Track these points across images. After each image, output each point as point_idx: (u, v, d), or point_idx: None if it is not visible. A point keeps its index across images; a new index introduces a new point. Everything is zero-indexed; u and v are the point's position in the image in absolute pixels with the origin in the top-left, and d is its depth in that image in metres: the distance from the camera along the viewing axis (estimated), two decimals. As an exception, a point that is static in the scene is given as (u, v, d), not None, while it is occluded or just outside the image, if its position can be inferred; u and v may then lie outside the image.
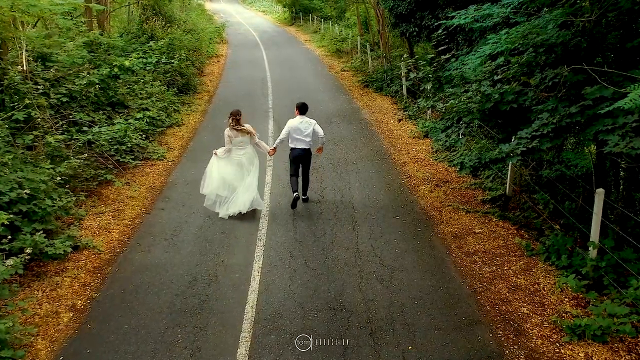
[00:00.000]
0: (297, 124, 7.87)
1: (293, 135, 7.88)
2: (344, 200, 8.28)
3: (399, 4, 12.20)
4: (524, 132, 5.65)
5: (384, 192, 8.55)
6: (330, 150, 10.80)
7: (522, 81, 6.77)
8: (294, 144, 7.94)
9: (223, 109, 14.56)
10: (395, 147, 10.91)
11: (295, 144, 7.92)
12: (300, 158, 7.94)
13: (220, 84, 18.52)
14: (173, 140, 11.71)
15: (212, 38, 24.47)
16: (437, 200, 8.14)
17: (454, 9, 11.69)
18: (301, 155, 7.92)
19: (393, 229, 7.25)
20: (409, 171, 9.49)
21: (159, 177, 9.55)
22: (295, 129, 7.85)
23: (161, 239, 7.17)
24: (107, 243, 7.06)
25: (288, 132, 7.88)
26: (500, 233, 7.05)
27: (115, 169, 9.27)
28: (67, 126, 9.17)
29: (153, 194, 8.80)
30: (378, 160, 10.16)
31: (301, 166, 8.04)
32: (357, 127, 12.49)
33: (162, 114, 12.38)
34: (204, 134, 12.30)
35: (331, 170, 9.65)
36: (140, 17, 18.28)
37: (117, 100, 11.15)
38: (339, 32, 27.08)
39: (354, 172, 9.47)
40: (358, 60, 20.29)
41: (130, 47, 13.81)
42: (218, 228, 7.43)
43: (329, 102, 15.11)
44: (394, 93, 15.37)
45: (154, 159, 10.34)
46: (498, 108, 6.06)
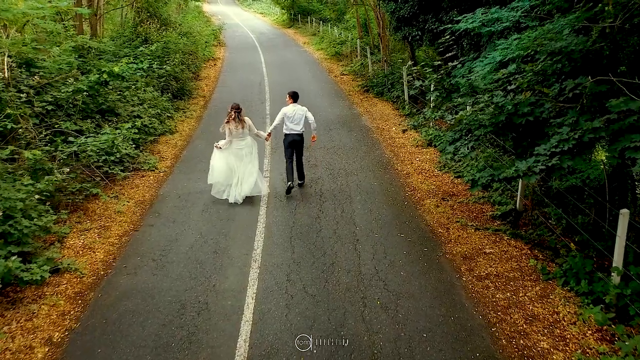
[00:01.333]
0: (291, 111, 8.50)
1: (287, 122, 8.51)
2: (344, 215, 7.80)
3: (401, 7, 11.74)
4: (541, 147, 5.17)
5: (387, 207, 8.06)
6: (330, 159, 10.33)
7: (537, 91, 6.30)
8: (288, 130, 8.55)
9: (219, 115, 14.09)
10: (398, 157, 10.43)
11: (289, 130, 8.53)
12: (294, 143, 8.55)
13: (216, 89, 18.05)
14: (166, 149, 11.21)
15: (207, 42, 23.93)
16: (444, 216, 7.66)
17: (459, 13, 11.24)
18: (295, 140, 8.54)
19: (398, 248, 6.76)
20: (413, 183, 9.01)
21: (149, 189, 9.06)
22: (289, 116, 8.49)
23: (149, 260, 6.67)
24: (91, 265, 6.56)
25: (282, 119, 8.53)
26: (513, 253, 6.56)
27: (103, 182, 8.79)
28: (52, 136, 8.67)
29: (142, 208, 8.30)
30: (380, 170, 9.68)
31: (295, 152, 8.61)
32: (357, 135, 12.01)
33: (155, 121, 11.90)
34: (198, 142, 11.81)
35: (331, 181, 9.17)
36: (134, 19, 17.78)
37: (107, 107, 10.66)
38: (338, 35, 26.62)
39: (355, 184, 8.99)
40: (358, 64, 19.83)
41: (122, 51, 13.31)
42: (210, 247, 6.94)
43: (328, 108, 14.64)
44: (395, 98, 14.90)
45: (145, 170, 9.85)
46: (512, 121, 5.58)
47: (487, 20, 8.29)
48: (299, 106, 8.60)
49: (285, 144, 8.58)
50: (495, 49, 8.42)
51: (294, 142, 8.52)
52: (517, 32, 8.15)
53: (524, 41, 6.99)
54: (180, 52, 17.59)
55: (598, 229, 7.06)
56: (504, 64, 7.39)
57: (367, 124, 12.99)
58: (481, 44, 8.48)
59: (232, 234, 7.29)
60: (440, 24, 11.10)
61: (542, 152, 5.07)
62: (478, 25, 8.14)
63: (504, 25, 7.84)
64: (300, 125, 8.52)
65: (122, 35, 15.82)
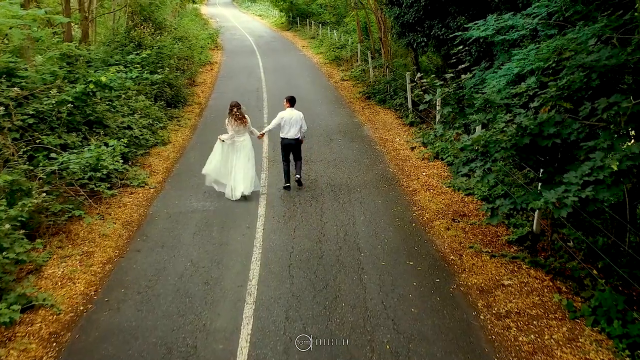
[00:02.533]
0: (288, 115, 8.76)
1: (284, 125, 8.77)
2: (347, 238, 7.21)
3: (405, 12, 11.16)
4: (571, 175, 4.59)
5: (394, 229, 7.47)
6: (331, 174, 9.74)
7: (560, 108, 5.72)
8: (284, 134, 8.83)
9: (214, 123, 13.53)
10: (403, 171, 9.84)
11: (285, 134, 8.82)
12: (290, 146, 8.89)
13: (212, 95, 17.46)
14: (157, 162, 10.61)
15: (203, 47, 23.30)
16: (456, 240, 7.07)
17: (468, 18, 10.67)
18: (292, 144, 8.87)
19: (407, 279, 6.17)
20: (420, 201, 8.42)
21: (138, 208, 8.45)
22: (286, 120, 8.75)
23: (134, 292, 6.07)
24: (69, 299, 5.96)
25: (278, 123, 8.79)
26: (534, 285, 5.97)
27: (88, 200, 8.18)
28: (33, 153, 8.07)
29: (129, 230, 7.70)
30: (385, 187, 9.09)
31: (292, 153, 8.97)
32: (359, 146, 11.42)
33: (147, 132, 11.30)
34: (191, 154, 11.21)
35: (332, 198, 8.58)
36: (128, 24, 17.18)
37: (95, 118, 10.05)
38: (338, 39, 26.05)
39: (358, 202, 8.40)
40: (358, 69, 19.25)
41: (112, 58, 12.70)
42: (201, 277, 6.34)
43: (328, 117, 14.05)
44: (398, 106, 14.32)
45: (134, 186, 9.25)
46: (537, 143, 5.00)
47: (501, 27, 7.73)
48: (296, 111, 8.84)
49: (281, 146, 8.96)
50: (511, 60, 7.84)
51: (290, 145, 8.86)
52: (534, 41, 7.59)
53: (543, 51, 6.43)
54: (175, 57, 16.99)
55: (619, 252, 6.50)
56: (521, 77, 6.83)
57: (369, 134, 12.40)
58: (494, 53, 7.91)
59: (225, 262, 6.69)
60: (447, 30, 10.53)
61: (573, 181, 4.48)
62: (491, 33, 7.57)
63: (519, 33, 7.28)
64: (296, 130, 8.79)
65: (113, 41, 15.20)
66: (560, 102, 5.81)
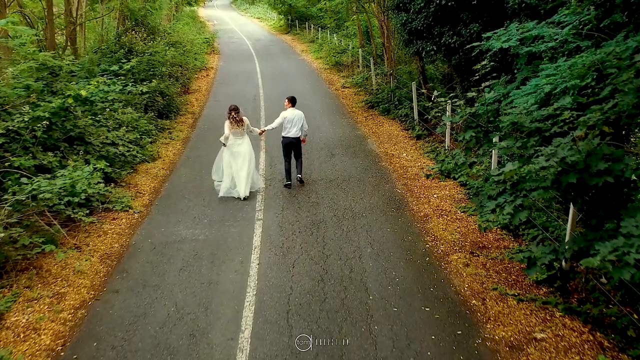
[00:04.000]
0: (290, 115, 8.98)
1: (286, 125, 8.99)
2: (353, 276, 6.38)
3: (413, 18, 10.34)
4: (629, 222, 3.77)
5: (405, 264, 6.64)
6: (334, 195, 8.91)
7: (603, 133, 4.90)
8: (286, 133, 9.04)
9: (208, 135, 12.72)
10: (412, 192, 9.01)
11: (287, 133, 9.03)
12: (292, 145, 9.09)
13: (207, 104, 16.64)
14: (144, 182, 9.77)
15: (197, 54, 22.43)
16: (477, 280, 6.24)
17: (481, 25, 9.85)
18: (293, 142, 9.07)
19: (424, 330, 5.34)
20: (433, 230, 7.59)
21: (120, 237, 7.62)
22: (289, 120, 8.97)
23: (107, 347, 5.23)
24: (32, 356, 5.12)
25: (281, 122, 9.03)
26: (571, 340, 5.14)
27: (63, 230, 7.35)
28: (2, 177, 7.24)
29: (108, 265, 6.86)
30: (392, 211, 8.26)
31: (293, 152, 9.18)
32: (364, 163, 10.59)
33: (134, 148, 10.46)
34: (182, 171, 10.38)
35: (335, 226, 7.75)
36: (118, 29, 16.35)
37: (76, 134, 9.22)
38: (338, 43, 25.26)
39: (364, 231, 7.57)
40: (360, 76, 18.44)
41: (99, 67, 11.85)
42: (186, 327, 5.50)
43: (329, 128, 13.23)
44: (403, 117, 13.51)
45: (117, 210, 8.41)
46: (584, 181, 4.17)
47: (524, 37, 6.91)
48: (297, 111, 9.08)
49: (283, 145, 9.12)
50: (537, 74, 7.01)
51: (292, 144, 9.06)
52: (564, 53, 6.77)
53: (577, 67, 5.62)
54: (167, 64, 16.16)
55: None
56: (553, 95, 6.01)
57: (373, 148, 11.58)
58: (518, 66, 7.09)
59: (214, 307, 5.85)
60: (459, 38, 9.72)
61: (635, 232, 3.65)
62: (514, 44, 6.76)
63: (548, 45, 6.46)
64: (297, 129, 8.99)
65: (99, 49, 14.36)
66: (599, 126, 5.00)
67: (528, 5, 8.20)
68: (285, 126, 9.02)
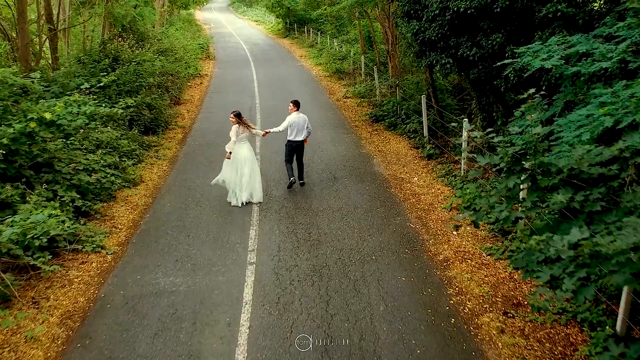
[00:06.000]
0: (296, 118, 9.14)
1: (292, 128, 9.12)
2: (364, 346, 5.23)
3: (426, 27, 9.21)
4: None
5: (426, 329, 5.50)
6: (338, 231, 7.77)
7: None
8: (292, 136, 9.19)
9: (197, 155, 11.61)
10: (428, 228, 7.88)
11: (293, 137, 9.19)
12: (297, 148, 9.31)
13: (199, 116, 15.50)
14: (122, 213, 8.62)
15: (188, 63, 21.24)
16: (516, 354, 5.09)
17: (505, 36, 8.73)
18: (299, 145, 9.30)
19: None
20: (457, 279, 6.45)
21: (87, 288, 6.46)
22: (296, 123, 9.12)
23: None
24: None
25: (286, 127, 9.13)
26: None
27: (21, 280, 6.21)
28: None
29: (69, 328, 5.69)
30: (407, 253, 7.13)
31: (296, 154, 9.39)
32: (370, 189, 9.45)
33: (112, 172, 9.31)
34: (167, 199, 9.22)
35: (341, 273, 6.61)
36: (103, 35, 15.21)
37: (44, 160, 8.08)
38: (338, 48, 24.16)
39: (375, 280, 6.43)
40: (363, 86, 17.32)
41: (77, 79, 10.69)
42: None
43: (331, 145, 12.10)
44: (411, 133, 12.39)
45: (88, 251, 7.26)
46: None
47: (569, 54, 5.78)
48: (302, 114, 9.25)
49: (289, 148, 9.26)
50: (579, 97, 5.89)
51: (297, 147, 9.29)
52: (621, 75, 5.65)
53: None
54: (156, 74, 15.01)
55: None
56: (613, 130, 4.87)
57: (380, 170, 10.44)
58: (559, 87, 5.95)
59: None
60: (479, 50, 8.59)
61: None
62: (558, 63, 5.63)
63: (601, 65, 5.33)
64: (303, 133, 9.21)
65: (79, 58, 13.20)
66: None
67: (564, 14, 7.08)
68: (291, 129, 9.11)
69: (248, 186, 8.70)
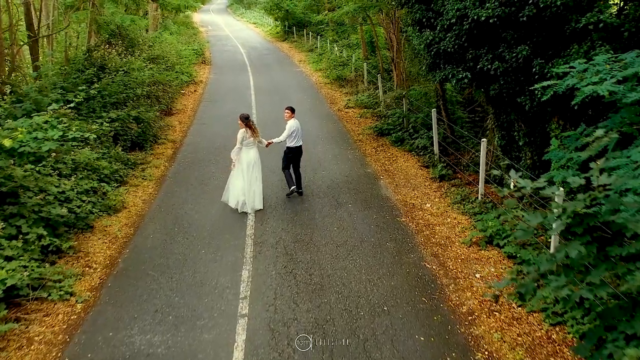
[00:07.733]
0: (295, 125, 8.97)
1: (294, 135, 8.93)
2: None
3: (440, 38, 8.23)
4: None
5: (454, 412, 4.52)
6: (342, 271, 6.79)
7: None
8: (293, 143, 9.00)
9: (188, 174, 10.64)
10: (446, 269, 6.90)
11: (295, 144, 9.01)
12: (298, 154, 9.15)
13: (191, 128, 14.50)
14: (98, 247, 7.62)
15: (181, 69, 20.25)
16: None
17: (531, 48, 7.78)
18: (299, 151, 9.16)
19: None
20: (485, 339, 5.47)
21: (49, 351, 5.46)
22: (296, 129, 8.97)
23: None
24: None
25: (288, 135, 8.88)
26: None
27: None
28: None
29: (20, 409, 4.71)
30: (424, 302, 6.14)
31: (293, 162, 9.16)
32: (378, 217, 8.47)
33: (89, 200, 8.32)
34: (150, 229, 8.23)
35: (348, 330, 5.62)
36: (89, 42, 14.22)
37: (8, 189, 7.10)
38: (339, 54, 23.19)
39: (388, 340, 5.45)
40: (366, 95, 16.35)
41: (51, 95, 9.67)
42: None
43: (333, 164, 11.11)
44: (420, 149, 11.43)
45: (54, 300, 6.27)
46: None
47: (625, 76, 4.80)
48: (297, 120, 9.11)
49: (289, 155, 9.04)
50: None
51: (298, 153, 9.13)
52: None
53: None
54: (145, 83, 14.02)
55: None
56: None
57: (388, 194, 9.46)
58: (606, 113, 4.99)
59: None
60: (501, 64, 7.62)
61: None
62: (613, 88, 4.66)
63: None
64: (300, 138, 9.08)
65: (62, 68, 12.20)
66: None
67: (606, 25, 6.10)
68: (292, 136, 8.94)
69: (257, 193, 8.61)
